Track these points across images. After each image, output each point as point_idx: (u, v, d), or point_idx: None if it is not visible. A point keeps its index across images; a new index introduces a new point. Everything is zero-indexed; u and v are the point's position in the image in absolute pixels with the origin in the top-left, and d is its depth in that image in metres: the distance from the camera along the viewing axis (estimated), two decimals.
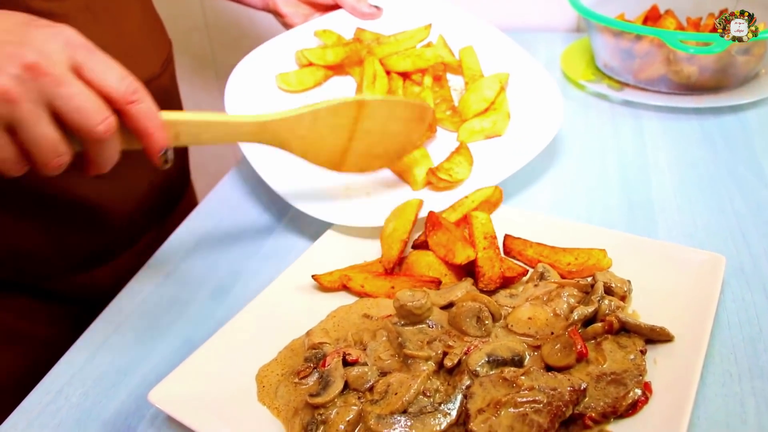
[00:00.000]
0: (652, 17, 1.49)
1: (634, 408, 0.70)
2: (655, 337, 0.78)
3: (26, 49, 0.65)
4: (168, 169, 0.81)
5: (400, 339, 0.79)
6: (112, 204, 1.13)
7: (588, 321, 0.80)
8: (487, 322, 0.80)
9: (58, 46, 0.67)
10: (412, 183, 1.13)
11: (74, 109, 0.65)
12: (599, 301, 0.81)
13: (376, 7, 1.42)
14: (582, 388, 0.70)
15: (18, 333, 1.11)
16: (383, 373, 0.77)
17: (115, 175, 0.80)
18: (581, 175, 1.24)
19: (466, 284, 0.90)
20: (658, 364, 0.75)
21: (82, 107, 0.65)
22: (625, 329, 0.79)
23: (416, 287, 0.89)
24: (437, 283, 0.92)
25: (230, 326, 0.88)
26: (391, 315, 0.86)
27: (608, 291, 0.84)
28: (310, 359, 0.82)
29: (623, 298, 0.84)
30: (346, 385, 0.77)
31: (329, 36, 1.37)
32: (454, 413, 0.71)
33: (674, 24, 1.44)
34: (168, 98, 1.28)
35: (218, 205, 1.26)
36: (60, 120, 0.67)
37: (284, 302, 0.94)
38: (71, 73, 0.67)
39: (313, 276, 0.94)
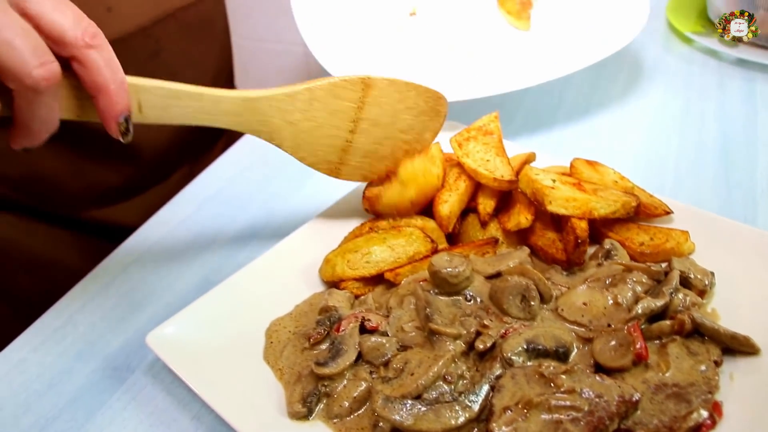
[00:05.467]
0: None
1: None
2: (736, 346, 0.64)
3: None
4: None
5: (428, 310, 0.68)
6: (143, 136, 1.05)
7: (655, 317, 0.67)
8: (533, 303, 0.68)
9: None
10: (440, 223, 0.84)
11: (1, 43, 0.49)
12: (671, 293, 0.67)
13: None
14: (634, 399, 0.57)
15: (41, 258, 1.08)
16: (403, 347, 0.67)
17: None
18: (673, 141, 1.07)
19: (521, 253, 0.77)
20: (735, 381, 0.62)
21: (13, 42, 0.49)
22: (699, 332, 0.65)
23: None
24: (493, 244, 0.80)
25: (248, 270, 0.80)
26: (426, 279, 0.75)
27: (685, 283, 0.70)
28: (322, 323, 0.73)
29: (702, 294, 0.70)
30: (360, 357, 0.67)
31: None
32: (476, 407, 0.60)
33: None
34: (211, 31, 1.14)
35: (260, 141, 1.17)
36: None
37: (314, 248, 0.84)
38: (8, 5, 0.51)
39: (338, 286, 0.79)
